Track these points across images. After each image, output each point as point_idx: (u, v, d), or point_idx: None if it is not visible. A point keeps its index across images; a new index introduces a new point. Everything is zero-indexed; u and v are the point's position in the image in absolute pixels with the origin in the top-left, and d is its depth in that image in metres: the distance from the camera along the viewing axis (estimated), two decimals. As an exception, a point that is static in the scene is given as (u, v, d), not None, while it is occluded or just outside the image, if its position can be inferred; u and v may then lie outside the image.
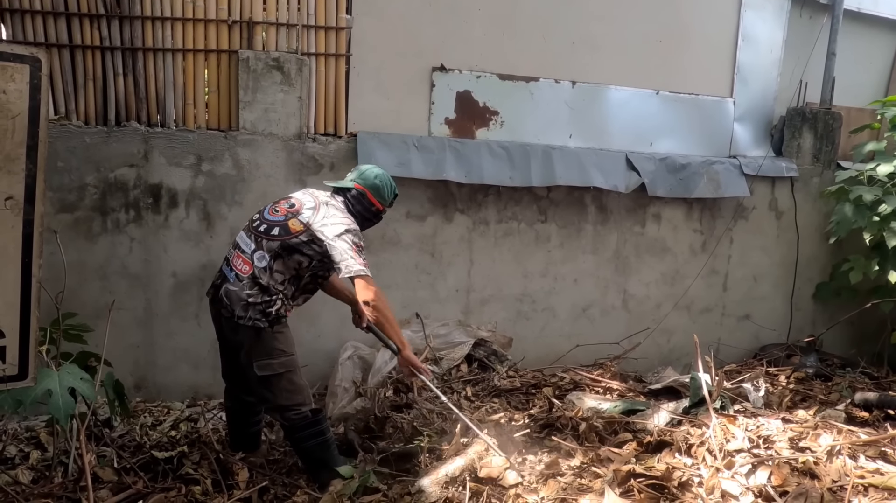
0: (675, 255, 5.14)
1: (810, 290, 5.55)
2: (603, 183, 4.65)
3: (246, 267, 2.94)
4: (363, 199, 3.09)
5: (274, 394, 2.97)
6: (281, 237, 2.91)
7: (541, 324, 4.84)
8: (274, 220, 2.96)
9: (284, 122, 4.07)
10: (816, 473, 2.75)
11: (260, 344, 2.93)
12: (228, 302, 2.91)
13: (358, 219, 3.05)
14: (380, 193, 3.12)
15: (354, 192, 3.09)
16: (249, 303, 2.89)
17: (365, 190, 3.09)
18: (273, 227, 2.94)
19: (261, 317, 2.90)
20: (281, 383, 2.97)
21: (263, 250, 2.92)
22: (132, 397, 3.92)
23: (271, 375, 2.94)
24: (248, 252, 2.95)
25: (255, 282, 2.90)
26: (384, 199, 3.15)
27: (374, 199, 3.11)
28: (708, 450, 3.02)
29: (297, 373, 3.03)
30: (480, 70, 4.49)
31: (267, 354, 2.94)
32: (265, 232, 2.94)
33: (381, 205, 3.14)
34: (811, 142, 5.38)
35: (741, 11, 5.08)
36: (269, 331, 2.92)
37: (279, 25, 4.05)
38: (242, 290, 2.90)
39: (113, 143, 3.84)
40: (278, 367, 2.95)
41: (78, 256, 3.79)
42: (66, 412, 2.43)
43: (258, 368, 2.93)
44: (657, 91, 4.94)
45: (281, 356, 2.96)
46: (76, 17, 3.77)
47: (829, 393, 4.36)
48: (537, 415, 3.75)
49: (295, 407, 2.99)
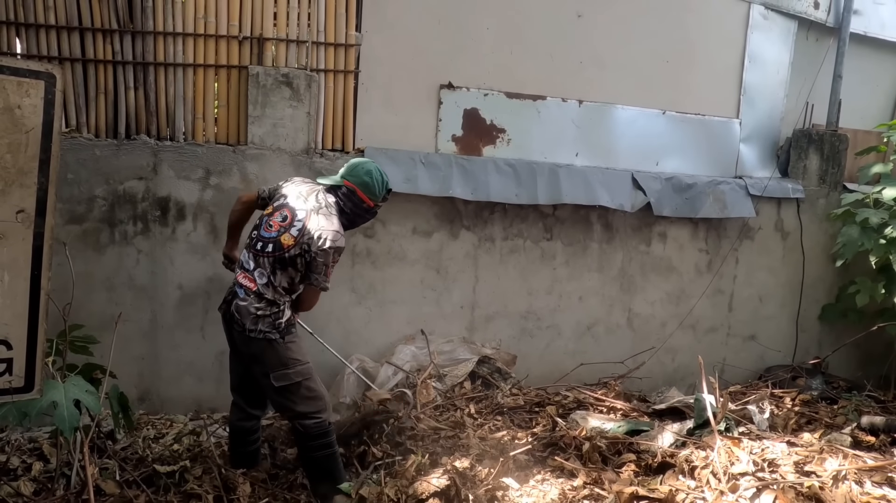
0: (680, 275, 5.13)
1: (816, 312, 5.53)
2: (609, 202, 4.66)
3: (250, 284, 2.99)
4: (353, 197, 3.07)
5: (294, 401, 3.00)
6: (275, 253, 2.95)
7: (545, 341, 4.83)
8: (268, 236, 2.99)
9: (293, 137, 4.10)
10: (822, 499, 2.73)
11: (274, 355, 2.96)
12: (239, 317, 2.95)
13: (350, 216, 3.08)
14: (370, 190, 3.09)
15: (345, 190, 3.08)
16: (259, 317, 2.94)
17: (355, 187, 3.07)
18: (267, 243, 2.98)
19: (271, 329, 2.95)
20: (300, 391, 3.00)
21: (262, 267, 2.97)
22: (135, 409, 3.92)
23: (289, 384, 2.97)
24: (249, 270, 3.01)
25: (260, 297, 2.95)
26: (375, 196, 3.11)
27: (365, 197, 3.08)
28: (712, 473, 3.00)
29: (314, 380, 3.06)
30: (488, 88, 4.52)
31: (282, 365, 2.97)
32: (261, 249, 2.98)
33: (373, 201, 3.11)
34: (817, 163, 5.38)
35: (748, 33, 5.11)
36: (281, 343, 2.97)
37: (289, 42, 4.09)
38: (251, 305, 2.95)
39: (122, 155, 3.88)
40: (294, 377, 2.98)
41: (85, 267, 3.81)
42: (72, 424, 2.44)
43: (275, 379, 2.96)
44: (664, 111, 4.96)
45: (296, 365, 3.00)
46: (89, 31, 3.82)
47: (834, 416, 4.32)
48: (541, 433, 3.73)
49: (314, 414, 3.01)
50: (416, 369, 4.19)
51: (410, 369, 4.18)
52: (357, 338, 4.35)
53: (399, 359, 4.20)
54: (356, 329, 4.35)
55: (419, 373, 4.15)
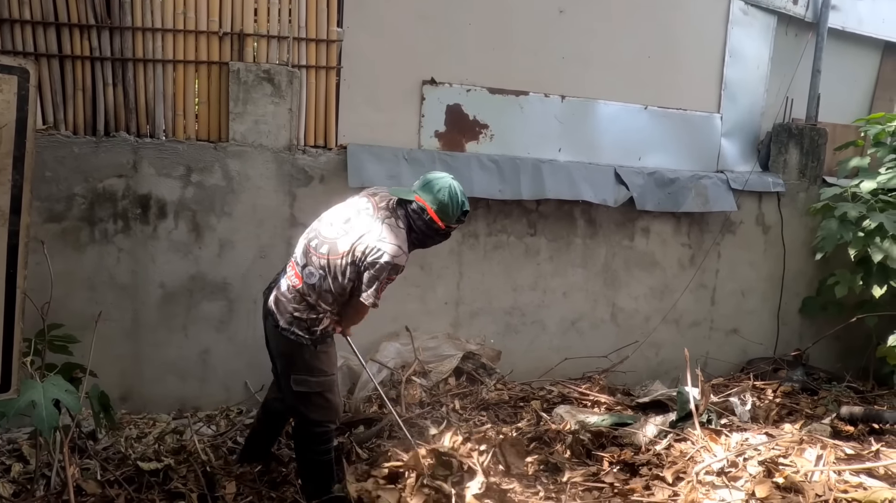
0: (663, 269, 5.17)
1: (797, 305, 5.59)
2: (592, 197, 4.68)
3: (297, 280, 2.83)
4: (423, 215, 2.78)
5: (308, 408, 2.91)
6: (328, 256, 2.76)
7: (530, 337, 4.84)
8: (327, 236, 2.81)
9: (275, 133, 4.07)
10: (801, 488, 2.77)
11: (301, 359, 2.84)
12: (276, 310, 2.85)
13: (418, 235, 2.83)
14: (443, 210, 2.77)
15: (415, 206, 2.79)
16: (295, 318, 2.80)
17: (426, 205, 2.77)
18: (323, 243, 2.79)
19: (305, 333, 2.81)
20: (317, 400, 2.90)
21: (312, 266, 2.79)
22: (118, 409, 3.88)
23: (308, 392, 2.87)
24: (300, 265, 2.84)
25: (302, 298, 2.81)
26: (448, 217, 2.78)
27: (436, 217, 2.77)
28: (692, 463, 3.03)
29: (333, 392, 2.95)
30: (471, 84, 4.52)
31: (307, 371, 2.85)
32: (316, 248, 2.80)
33: (444, 223, 2.79)
34: (797, 157, 5.44)
35: (728, 28, 5.15)
36: (311, 349, 2.84)
37: (270, 38, 4.07)
38: (290, 303, 2.82)
39: (102, 153, 3.83)
40: (315, 386, 2.87)
41: (65, 266, 3.76)
42: (51, 424, 2.40)
43: (295, 383, 2.85)
44: (646, 106, 4.99)
45: (320, 375, 2.88)
46: (66, 27, 3.76)
47: (815, 407, 4.39)
48: (525, 428, 3.76)
49: (324, 423, 2.94)
50: (400, 366, 4.20)
51: (395, 366, 4.18)
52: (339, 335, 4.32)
53: (384, 356, 4.19)
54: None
55: (404, 369, 4.15)
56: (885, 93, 5.89)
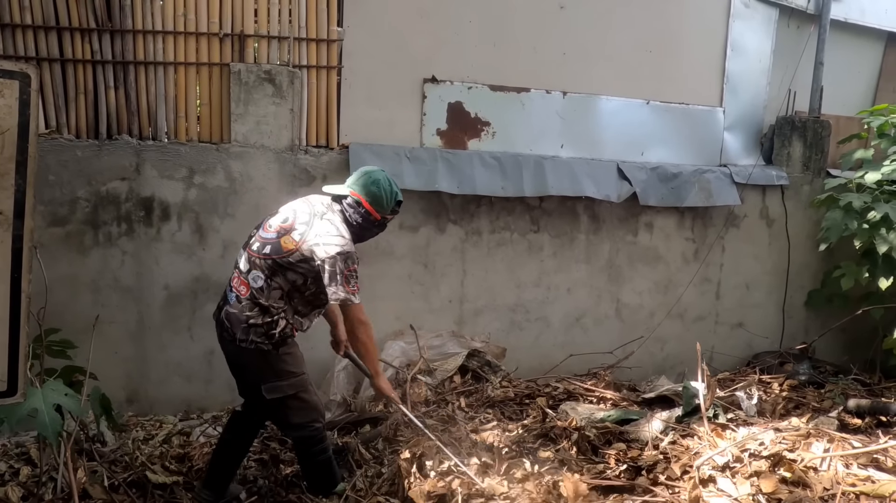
0: (667, 264, 5.16)
1: (802, 298, 5.57)
2: (595, 192, 4.67)
3: (243, 288, 2.83)
4: (359, 208, 2.89)
5: (288, 414, 2.89)
6: (273, 256, 2.79)
7: (534, 333, 4.84)
8: (267, 237, 2.85)
9: (276, 134, 4.07)
10: (808, 482, 2.76)
11: (266, 366, 2.81)
12: (229, 325, 2.81)
13: (356, 229, 2.90)
14: (377, 202, 2.89)
15: (350, 201, 2.90)
16: (250, 325, 2.77)
17: (360, 198, 2.88)
18: (266, 244, 2.82)
19: (264, 339, 2.78)
20: (293, 403, 2.87)
21: (258, 269, 2.81)
22: (124, 411, 3.90)
23: (281, 398, 2.84)
24: (244, 272, 2.85)
25: (254, 303, 2.79)
26: (383, 208, 2.91)
27: (371, 209, 2.88)
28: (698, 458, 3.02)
29: (308, 391, 2.93)
30: (472, 81, 4.51)
31: (275, 376, 2.82)
32: (258, 251, 2.83)
33: (380, 214, 2.91)
34: (801, 150, 5.42)
35: (729, 22, 5.13)
36: (274, 354, 2.81)
37: (271, 38, 4.07)
38: (242, 312, 2.79)
39: (104, 156, 3.84)
40: (287, 389, 2.84)
41: (69, 270, 3.78)
42: (54, 429, 2.40)
43: (267, 391, 2.81)
44: (648, 101, 4.97)
45: (289, 377, 2.84)
46: (67, 31, 3.77)
47: (821, 400, 4.37)
48: (531, 425, 3.75)
49: (309, 424, 2.91)
50: (405, 364, 4.19)
51: (400, 364, 4.17)
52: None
53: (389, 355, 4.19)
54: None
55: (409, 368, 4.15)
56: (889, 84, 5.86)
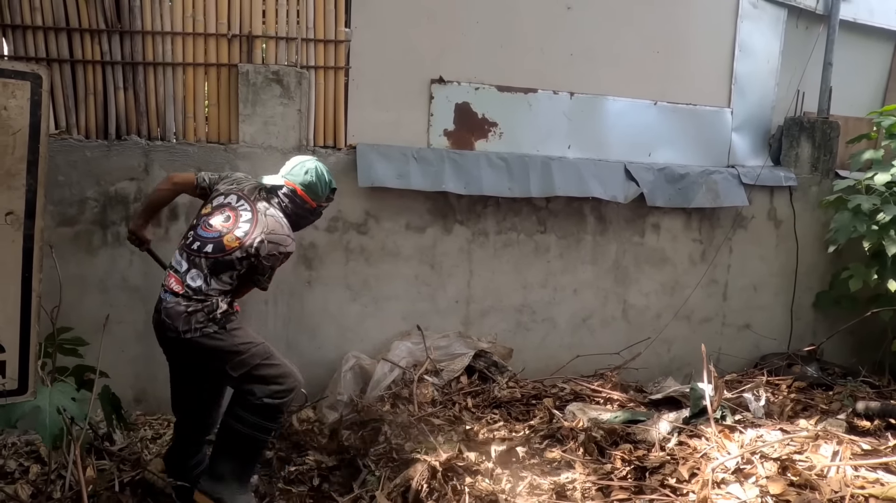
0: (674, 265, 5.15)
1: (810, 299, 5.55)
2: (602, 193, 4.66)
3: (178, 287, 2.80)
4: (295, 198, 2.97)
5: (260, 380, 2.80)
6: (215, 254, 2.77)
7: (541, 334, 4.84)
8: (208, 236, 2.82)
9: (284, 134, 4.09)
10: (816, 484, 2.75)
11: (220, 348, 2.78)
12: (170, 321, 2.77)
13: (293, 218, 2.98)
14: (312, 190, 3.00)
15: (286, 191, 2.97)
16: (189, 313, 2.75)
17: (295, 187, 2.97)
18: (207, 243, 2.80)
19: (207, 322, 2.76)
20: (263, 370, 2.81)
21: (196, 269, 2.80)
22: (133, 410, 3.92)
23: (248, 370, 2.79)
24: (180, 272, 2.82)
25: (189, 299, 2.78)
26: (318, 196, 3.03)
27: (307, 197, 2.99)
28: (705, 460, 3.01)
29: (274, 357, 2.88)
30: (479, 82, 4.51)
31: (234, 353, 2.79)
32: (198, 249, 2.80)
33: (315, 202, 3.03)
34: (809, 151, 5.40)
35: (738, 22, 5.11)
36: (223, 333, 2.78)
37: (278, 39, 4.08)
38: (179, 306, 2.77)
39: (113, 156, 3.86)
40: (251, 360, 2.80)
41: (78, 270, 3.80)
42: (52, 432, 2.39)
43: (232, 369, 2.78)
44: (655, 101, 4.96)
45: (249, 348, 2.82)
46: (77, 32, 3.79)
47: (830, 402, 4.35)
48: (538, 426, 3.75)
49: (278, 380, 2.81)
50: (412, 365, 4.20)
51: (407, 365, 4.18)
52: (352, 335, 4.35)
53: (395, 356, 4.20)
54: (351, 326, 4.35)
55: (416, 368, 4.15)
56: (898, 84, 5.83)
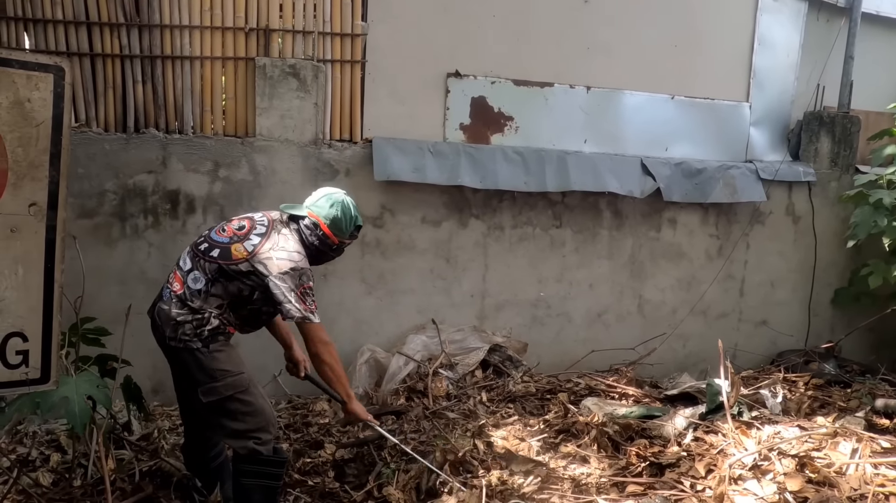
0: (690, 260, 5.11)
1: (828, 296, 5.49)
2: (618, 188, 4.64)
3: (177, 285, 2.66)
4: (317, 231, 2.73)
5: (229, 419, 2.62)
6: (219, 260, 2.61)
7: (556, 329, 4.83)
8: (218, 240, 2.67)
9: (300, 128, 4.10)
10: (835, 482, 2.72)
11: (198, 366, 2.60)
12: (160, 322, 2.65)
13: (312, 251, 2.73)
14: (336, 226, 2.74)
15: (308, 222, 2.73)
16: (178, 323, 2.59)
17: (319, 220, 2.73)
18: (214, 247, 2.65)
19: (192, 337, 2.60)
20: (233, 406, 2.60)
21: (199, 271, 2.63)
22: (150, 401, 3.96)
23: (218, 400, 2.59)
24: (183, 270, 2.67)
25: (183, 304, 2.62)
26: (342, 232, 2.76)
27: (329, 232, 2.73)
28: (722, 456, 3.00)
29: (250, 393, 2.64)
30: (495, 76, 4.50)
31: (208, 376, 2.59)
32: (205, 252, 2.65)
33: (338, 237, 2.76)
34: (829, 146, 5.33)
35: (757, 15, 5.05)
36: (204, 352, 2.60)
37: (295, 32, 4.09)
38: (171, 310, 2.62)
39: (132, 149, 3.89)
40: (223, 390, 2.59)
41: (97, 261, 3.83)
42: (83, 420, 2.44)
43: (203, 394, 2.60)
44: (672, 96, 4.92)
45: (224, 377, 2.60)
46: (96, 25, 3.83)
47: (848, 400, 4.30)
48: (553, 420, 3.74)
49: (252, 433, 2.59)
50: (427, 358, 4.21)
51: (422, 359, 4.19)
52: (368, 328, 4.36)
53: (410, 349, 4.21)
54: (366, 319, 4.36)
55: (430, 362, 4.16)
56: (921, 78, 5.74)
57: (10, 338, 1.93)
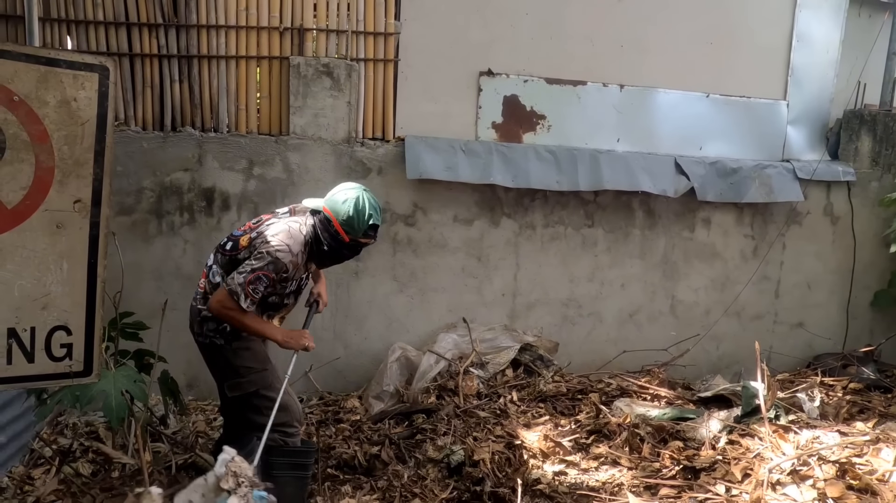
0: (725, 261, 5.03)
1: (868, 298, 5.36)
2: (651, 187, 4.59)
3: (203, 281, 2.78)
4: (329, 226, 2.69)
5: (254, 413, 2.71)
6: (231, 252, 2.71)
7: (587, 329, 4.79)
8: (235, 234, 2.79)
9: (334, 126, 4.13)
10: (878, 489, 2.66)
11: (223, 362, 2.71)
12: (191, 318, 2.76)
13: (325, 247, 2.72)
14: (348, 223, 2.66)
15: (322, 217, 2.72)
16: (204, 318, 2.69)
17: (331, 215, 2.69)
18: (229, 241, 2.76)
19: (215, 334, 2.69)
20: (258, 402, 2.70)
21: (218, 265, 2.74)
22: (185, 395, 4.02)
23: (242, 395, 2.71)
24: (208, 266, 2.79)
25: (206, 299, 2.72)
26: (353, 230, 2.67)
27: (340, 229, 2.67)
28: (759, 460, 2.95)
29: (273, 388, 2.72)
30: (528, 74, 4.48)
31: (233, 373, 2.70)
32: (222, 246, 2.77)
33: (349, 236, 2.68)
34: (870, 145, 5.20)
35: (796, 11, 4.95)
36: (228, 349, 2.69)
37: (329, 32, 4.12)
38: (198, 305, 2.72)
39: (169, 147, 3.96)
40: (248, 386, 2.70)
41: (135, 257, 3.91)
42: (119, 415, 2.49)
43: (228, 389, 2.71)
44: (707, 94, 4.85)
45: (248, 373, 2.70)
46: (136, 26, 3.90)
47: (888, 405, 4.20)
48: (584, 421, 3.72)
49: (280, 426, 2.66)
50: (458, 357, 4.21)
51: (452, 357, 4.19)
52: (399, 326, 4.38)
53: (441, 348, 4.21)
54: (398, 317, 4.38)
55: (461, 360, 4.16)
56: (966, 75, 5.57)
57: (56, 331, 1.98)
